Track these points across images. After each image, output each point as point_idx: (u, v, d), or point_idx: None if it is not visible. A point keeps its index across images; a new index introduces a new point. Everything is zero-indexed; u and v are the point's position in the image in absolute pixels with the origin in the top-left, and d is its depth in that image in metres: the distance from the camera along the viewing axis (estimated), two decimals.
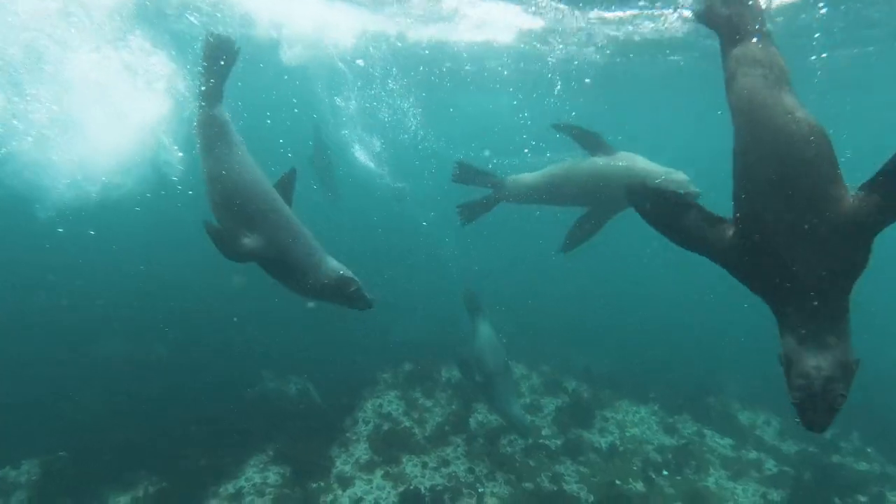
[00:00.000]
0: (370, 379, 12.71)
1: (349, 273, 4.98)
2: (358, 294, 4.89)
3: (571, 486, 9.58)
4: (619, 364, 16.88)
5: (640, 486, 9.87)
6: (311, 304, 5.41)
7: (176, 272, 18.67)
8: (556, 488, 9.46)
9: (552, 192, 7.30)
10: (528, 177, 7.66)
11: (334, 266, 5.03)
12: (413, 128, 18.82)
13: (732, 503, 9.58)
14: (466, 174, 7.75)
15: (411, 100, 17.84)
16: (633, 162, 6.67)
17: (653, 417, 12.22)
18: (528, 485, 9.47)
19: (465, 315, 11.28)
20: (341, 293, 4.90)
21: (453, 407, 11.68)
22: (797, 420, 2.87)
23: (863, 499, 9.64)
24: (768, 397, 13.95)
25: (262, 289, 5.61)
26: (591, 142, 6.84)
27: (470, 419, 11.21)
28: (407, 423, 10.81)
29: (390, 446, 9.93)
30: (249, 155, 5.60)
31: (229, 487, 8.83)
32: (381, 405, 11.55)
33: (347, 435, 10.37)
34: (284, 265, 5.00)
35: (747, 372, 16.24)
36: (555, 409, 11.81)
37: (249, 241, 4.84)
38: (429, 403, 11.83)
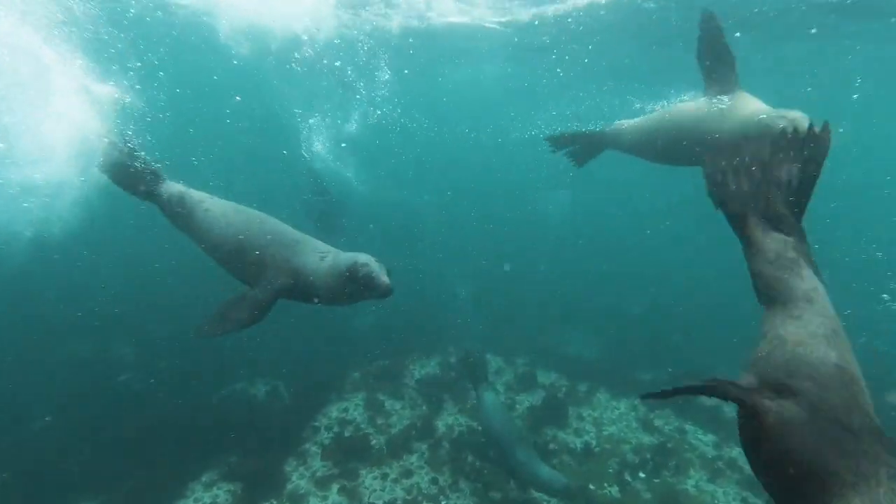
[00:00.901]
0: (339, 378, 12.17)
1: (363, 257, 4.72)
2: (368, 276, 4.56)
3: (541, 494, 9.04)
4: (604, 350, 16.45)
5: (614, 490, 9.35)
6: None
7: (143, 270, 18.10)
8: (525, 497, 8.94)
9: (656, 140, 5.88)
10: (627, 124, 6.47)
11: (348, 256, 4.80)
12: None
13: None
14: (562, 142, 6.95)
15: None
16: (745, 102, 5.12)
17: (632, 413, 11.67)
18: (495, 494, 8.94)
19: (466, 383, 10.44)
20: (356, 281, 4.62)
21: (423, 409, 11.13)
22: None
23: None
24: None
25: (235, 286, 5.09)
26: (719, 70, 5.28)
27: (438, 422, 10.66)
28: (370, 431, 10.25)
29: (350, 457, 9.39)
30: (219, 201, 5.47)
31: None
32: (346, 409, 11.00)
33: (307, 446, 9.82)
34: (305, 283, 4.87)
35: (736, 356, 15.77)
36: (528, 408, 11.24)
37: (265, 292, 4.76)
38: (397, 406, 11.26)
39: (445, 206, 28.63)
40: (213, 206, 5.28)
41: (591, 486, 9.39)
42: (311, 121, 17.22)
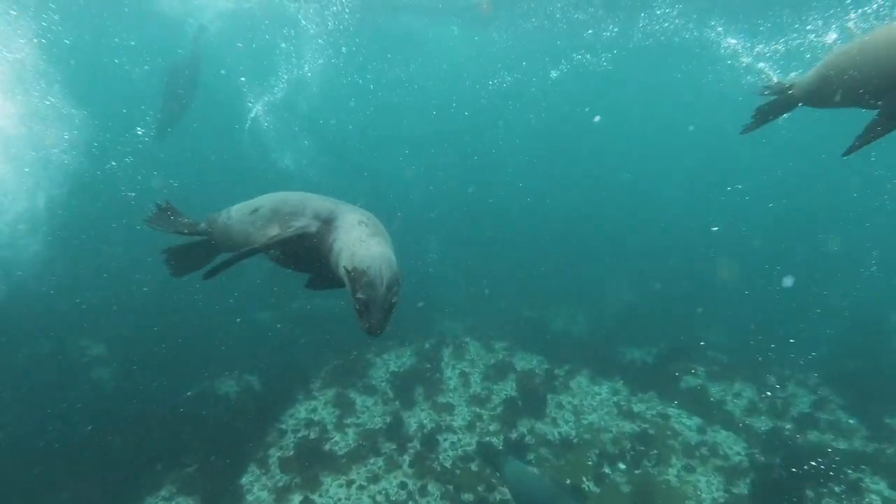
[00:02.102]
0: (312, 371, 11.70)
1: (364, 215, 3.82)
2: (363, 301, 3.28)
3: None
4: (590, 325, 16.06)
5: (592, 485, 8.94)
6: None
7: (113, 264, 17.50)
8: (498, 498, 8.53)
9: (853, 77, 4.44)
10: (813, 73, 5.07)
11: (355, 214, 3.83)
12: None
13: (693, 500, 8.66)
14: (765, 115, 5.42)
15: None
16: None
17: (613, 398, 11.22)
18: (467, 496, 8.53)
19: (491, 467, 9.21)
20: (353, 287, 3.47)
21: (396, 404, 10.66)
22: None
23: (838, 489, 8.72)
24: (745, 357, 13.06)
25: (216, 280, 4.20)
26: None
27: (410, 419, 10.20)
28: (337, 433, 9.78)
29: (314, 464, 8.93)
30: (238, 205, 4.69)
31: None
32: (314, 409, 10.52)
33: (270, 451, 9.35)
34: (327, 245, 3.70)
35: (727, 327, 15.38)
36: (505, 399, 10.76)
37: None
38: (369, 402, 10.79)
39: (423, 178, 27.91)
40: (233, 213, 4.50)
41: (569, 482, 8.98)
42: None
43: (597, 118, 33.50)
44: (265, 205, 4.11)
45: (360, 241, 3.43)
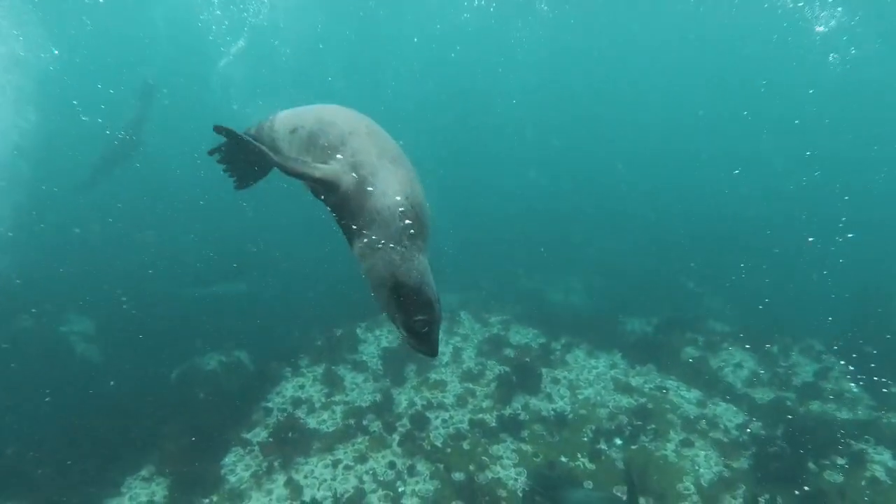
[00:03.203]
0: (302, 346, 11.43)
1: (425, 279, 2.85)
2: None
3: (508, 472, 8.38)
4: (590, 296, 15.80)
5: (587, 461, 8.67)
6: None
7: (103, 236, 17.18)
8: (489, 477, 8.27)
9: None
10: None
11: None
12: None
13: (691, 475, 8.39)
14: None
15: None
16: None
17: (610, 372, 10.90)
18: (458, 475, 8.27)
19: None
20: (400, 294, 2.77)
21: (387, 381, 10.36)
22: None
23: (841, 461, 8.42)
24: (748, 326, 12.72)
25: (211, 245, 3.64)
26: None
27: (400, 396, 9.91)
28: (324, 413, 9.50)
29: (300, 443, 8.67)
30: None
31: None
32: (302, 386, 10.24)
33: (256, 430, 9.09)
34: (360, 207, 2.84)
35: (730, 296, 15.03)
36: (498, 375, 10.44)
37: (299, 163, 3.05)
38: (359, 378, 10.51)
39: (413, 145, 27.22)
40: (277, 124, 3.64)
41: (563, 459, 8.72)
42: None
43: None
44: (305, 125, 3.32)
45: (403, 247, 2.70)
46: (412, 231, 2.71)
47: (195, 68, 22.87)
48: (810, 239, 17.15)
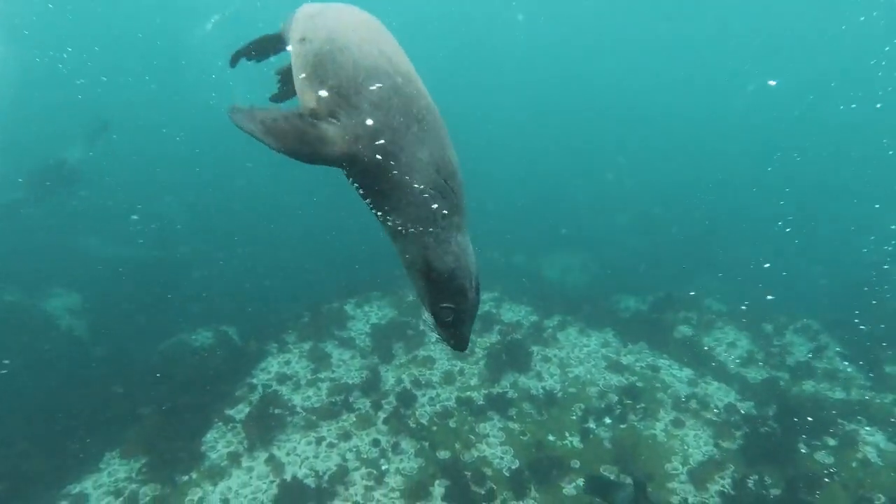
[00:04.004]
0: (290, 321, 11.26)
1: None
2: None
3: (494, 451, 8.26)
4: (587, 273, 15.62)
5: (575, 440, 8.55)
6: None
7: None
8: (475, 455, 8.15)
9: None
10: None
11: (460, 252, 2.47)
12: None
13: (679, 455, 8.28)
14: None
15: None
16: None
17: (601, 350, 10.73)
18: (443, 453, 8.15)
19: None
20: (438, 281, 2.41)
21: (375, 358, 10.19)
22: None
23: (832, 442, 8.29)
24: (743, 304, 12.52)
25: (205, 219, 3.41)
26: None
27: (387, 373, 9.75)
28: (309, 390, 9.34)
29: (283, 420, 8.53)
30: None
31: (82, 486, 7.50)
32: (288, 362, 10.08)
33: (239, 407, 8.93)
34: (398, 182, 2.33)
35: (726, 273, 14.83)
36: (487, 353, 10.26)
37: (329, 127, 2.31)
38: (346, 355, 10.33)
39: None
40: (295, 20, 2.92)
41: (551, 438, 8.59)
42: None
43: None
44: (316, 38, 2.56)
45: (438, 229, 2.31)
46: (445, 211, 2.33)
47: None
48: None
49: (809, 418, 8.45)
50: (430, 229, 2.31)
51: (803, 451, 8.17)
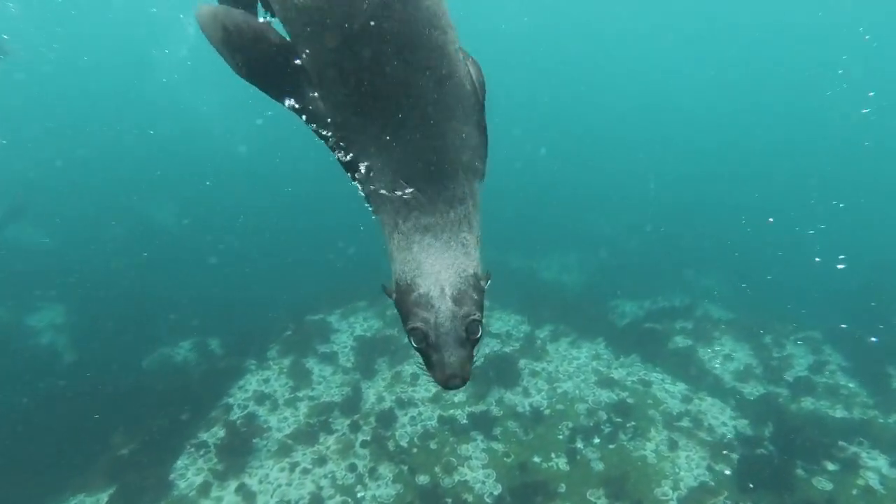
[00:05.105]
0: (272, 334, 10.96)
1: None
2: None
3: (476, 474, 7.91)
4: (584, 276, 15.25)
5: (562, 462, 8.18)
6: None
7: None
8: (456, 480, 7.81)
9: None
10: None
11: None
12: None
13: (670, 480, 7.89)
14: None
15: None
16: None
17: (592, 363, 10.34)
18: (422, 478, 7.81)
19: None
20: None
21: (356, 374, 9.85)
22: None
23: (832, 466, 7.88)
24: (741, 314, 12.11)
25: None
26: None
27: (368, 390, 9.41)
28: (287, 410, 9.02)
29: (256, 445, 8.22)
30: None
31: None
32: (267, 380, 9.77)
33: (213, 430, 8.63)
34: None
35: (726, 281, 14.42)
36: (474, 368, 9.85)
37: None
38: (327, 371, 10.01)
39: None
40: None
41: (536, 459, 8.23)
42: None
43: None
44: None
45: (400, 231, 2.02)
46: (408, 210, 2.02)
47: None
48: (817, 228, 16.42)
49: (808, 441, 8.03)
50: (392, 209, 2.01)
51: (801, 475, 7.76)
